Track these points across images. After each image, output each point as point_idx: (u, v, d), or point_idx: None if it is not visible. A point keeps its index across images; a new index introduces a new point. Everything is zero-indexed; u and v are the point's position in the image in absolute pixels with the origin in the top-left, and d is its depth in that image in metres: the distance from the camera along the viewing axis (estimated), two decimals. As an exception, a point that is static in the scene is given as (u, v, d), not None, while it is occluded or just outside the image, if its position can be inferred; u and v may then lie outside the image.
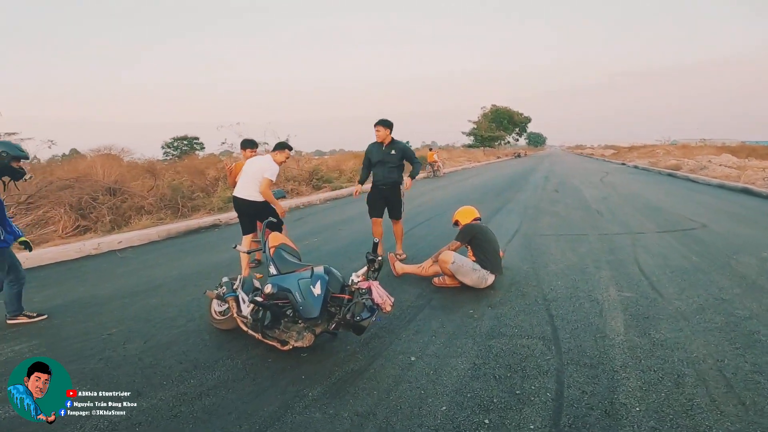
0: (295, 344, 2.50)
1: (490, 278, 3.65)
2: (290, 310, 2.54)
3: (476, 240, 3.78)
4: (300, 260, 2.95)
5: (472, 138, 55.23)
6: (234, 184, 4.76)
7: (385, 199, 4.72)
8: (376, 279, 2.53)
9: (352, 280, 2.49)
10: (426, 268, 3.90)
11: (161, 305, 3.59)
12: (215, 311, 3.07)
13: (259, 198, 4.18)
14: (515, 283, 3.85)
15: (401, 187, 4.72)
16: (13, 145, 3.15)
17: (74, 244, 6.09)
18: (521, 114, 62.95)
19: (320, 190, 12.67)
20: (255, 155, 4.75)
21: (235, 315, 2.70)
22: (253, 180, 4.18)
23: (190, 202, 9.36)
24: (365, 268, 2.50)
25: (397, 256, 4.82)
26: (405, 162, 4.74)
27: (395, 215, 4.78)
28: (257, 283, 3.02)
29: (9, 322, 3.30)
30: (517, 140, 69.43)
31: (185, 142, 33.09)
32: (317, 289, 2.41)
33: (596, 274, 4.02)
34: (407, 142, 5.08)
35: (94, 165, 9.83)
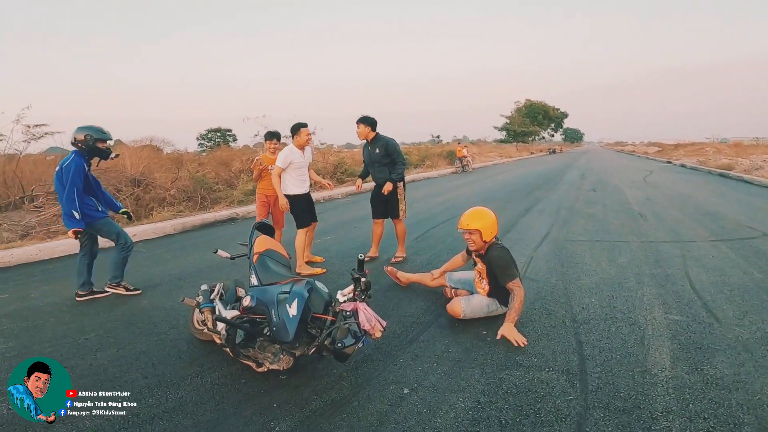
0: (271, 367, 2.17)
1: (504, 309, 2.96)
2: (267, 328, 2.21)
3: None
4: (289, 268, 2.61)
5: (504, 133, 53.88)
6: (258, 179, 4.77)
7: (381, 199, 4.45)
8: (364, 300, 2.13)
9: (337, 300, 2.11)
10: (435, 277, 3.43)
11: (150, 308, 3.36)
12: (197, 320, 2.79)
13: (305, 189, 4.34)
14: (540, 298, 3.34)
15: (398, 184, 4.43)
16: (96, 128, 3.54)
17: (89, 235, 6.06)
18: (557, 109, 60.70)
19: (344, 184, 12.38)
20: (277, 147, 4.68)
21: (208, 328, 2.39)
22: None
23: (212, 194, 9.30)
24: (351, 287, 2.11)
25: (395, 259, 4.49)
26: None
27: (393, 215, 4.51)
28: (242, 292, 2.70)
29: (107, 289, 3.70)
30: (553, 136, 67.38)
31: (218, 134, 33.90)
32: (293, 309, 2.05)
33: (638, 291, 3.44)
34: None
35: (122, 156, 9.97)
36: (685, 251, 4.61)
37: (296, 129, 4.23)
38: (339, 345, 1.97)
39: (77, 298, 3.59)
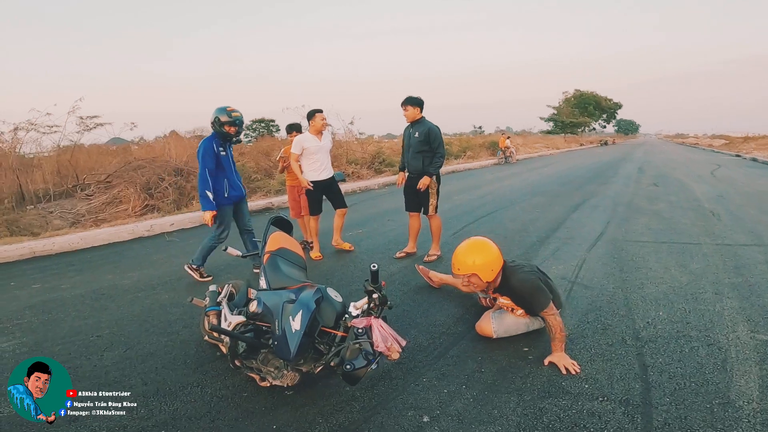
0: (273, 382, 1.91)
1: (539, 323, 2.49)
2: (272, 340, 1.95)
3: None
4: (304, 270, 2.34)
5: (551, 124, 51.37)
6: (283, 170, 4.91)
7: (414, 190, 4.08)
8: (380, 316, 1.81)
9: (349, 314, 1.80)
10: None
11: (169, 304, 3.24)
12: (206, 323, 2.60)
13: (321, 176, 4.29)
14: (595, 309, 2.87)
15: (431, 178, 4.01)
16: (222, 109, 3.51)
17: (128, 225, 6.18)
18: (610, 99, 57.33)
19: (381, 174, 12.09)
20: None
21: (208, 336, 2.18)
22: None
23: (250, 183, 9.33)
24: (365, 299, 1.79)
25: (428, 257, 4.09)
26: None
27: (425, 210, 4.12)
28: (253, 294, 2.47)
29: (185, 267, 3.82)
30: (605, 127, 64.07)
31: (262, 125, 34.71)
32: (296, 323, 1.77)
33: (716, 304, 2.87)
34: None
35: (167, 146, 10.25)
36: (770, 256, 3.89)
37: (311, 114, 4.22)
38: (348, 367, 1.67)
39: (185, 266, 3.82)
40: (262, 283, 2.19)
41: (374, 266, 1.71)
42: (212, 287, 2.39)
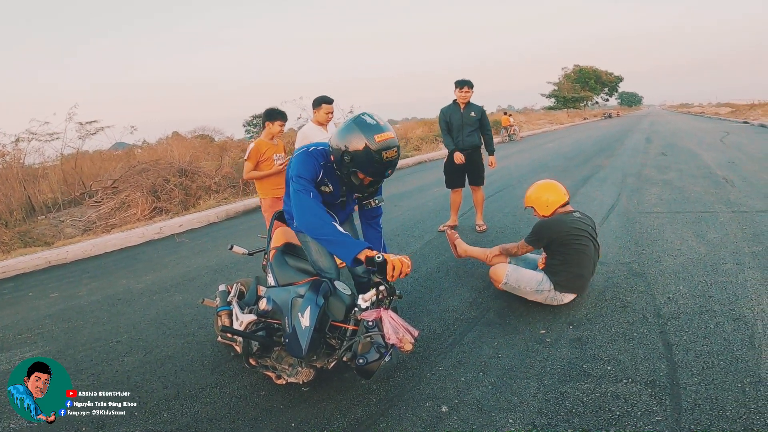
0: (289, 380, 1.90)
1: (567, 298, 2.54)
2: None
3: (556, 245, 2.53)
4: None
5: (553, 100, 51.26)
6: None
7: (465, 166, 4.37)
8: (389, 306, 1.78)
9: (358, 307, 1.77)
10: (490, 257, 2.91)
11: (183, 305, 3.25)
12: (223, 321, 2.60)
13: None
14: (612, 286, 2.81)
15: (481, 150, 4.44)
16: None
17: (138, 229, 6.22)
18: (611, 73, 57.26)
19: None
20: (282, 127, 3.84)
21: (221, 337, 2.17)
22: None
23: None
24: (373, 291, 1.75)
25: (477, 227, 4.40)
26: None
27: (478, 181, 4.46)
28: (263, 291, 2.45)
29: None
30: (607, 100, 63.76)
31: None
32: (305, 319, 1.74)
33: (738, 275, 2.79)
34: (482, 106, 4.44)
35: (170, 147, 10.26)
36: (791, 222, 3.77)
37: (317, 103, 3.58)
38: (361, 361, 1.64)
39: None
40: (270, 280, 2.16)
41: (379, 257, 1.67)
42: (221, 287, 2.38)
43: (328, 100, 3.60)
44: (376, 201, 2.00)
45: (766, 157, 7.98)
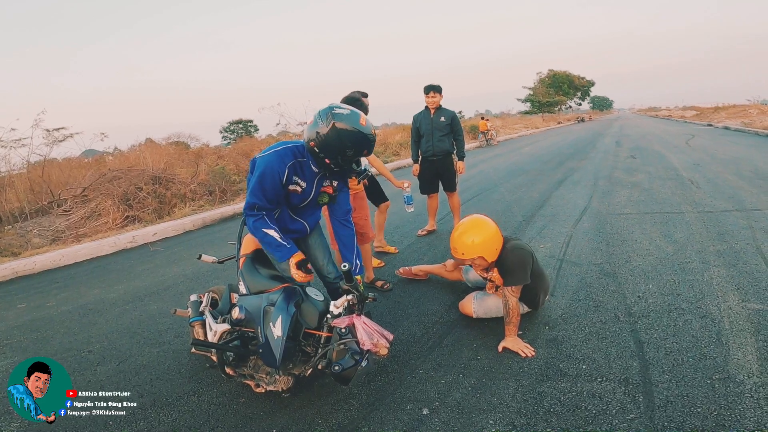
0: (268, 388, 1.88)
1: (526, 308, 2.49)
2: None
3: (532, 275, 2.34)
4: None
5: (528, 105, 52.72)
6: None
7: (436, 172, 4.44)
8: (362, 312, 1.78)
9: (331, 314, 1.77)
10: (449, 269, 2.95)
11: (158, 314, 3.17)
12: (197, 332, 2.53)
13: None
14: (585, 286, 2.89)
15: (453, 156, 4.44)
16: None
17: (110, 238, 6.03)
18: (583, 78, 59.28)
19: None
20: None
21: (195, 348, 2.12)
22: None
23: (233, 186, 9.17)
24: (344, 298, 1.76)
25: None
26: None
27: (450, 187, 4.50)
28: (236, 298, 2.41)
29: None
30: (580, 104, 65.81)
31: (240, 126, 34.13)
32: (277, 329, 1.72)
33: (704, 273, 2.92)
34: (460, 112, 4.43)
35: (143, 154, 10.00)
36: (751, 221, 3.97)
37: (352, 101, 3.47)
38: (336, 368, 1.64)
39: None
40: (242, 288, 2.12)
41: (344, 266, 1.68)
42: (193, 297, 2.31)
43: (363, 95, 3.52)
44: (361, 169, 2.08)
45: (729, 159, 8.37)
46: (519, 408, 1.78)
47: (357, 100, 3.24)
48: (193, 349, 2.29)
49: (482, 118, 21.16)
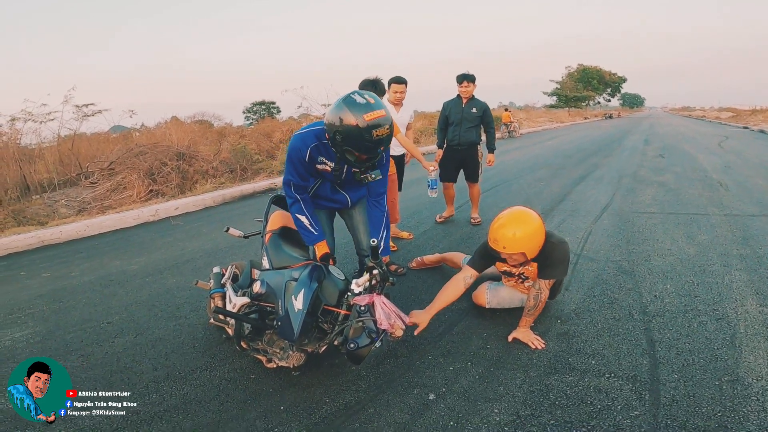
0: (280, 363, 1.93)
1: None
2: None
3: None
4: (307, 248, 2.33)
5: (555, 98, 51.43)
6: None
7: (460, 161, 4.43)
8: (382, 292, 1.80)
9: (351, 291, 1.79)
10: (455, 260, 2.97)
11: (176, 287, 3.27)
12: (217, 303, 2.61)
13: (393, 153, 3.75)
14: (601, 282, 2.85)
15: (478, 147, 4.41)
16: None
17: (133, 210, 6.20)
18: (614, 74, 57.41)
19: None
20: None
21: (213, 319, 2.19)
22: None
23: (253, 165, 9.30)
24: (366, 276, 1.78)
25: (472, 220, 4.48)
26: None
27: (473, 177, 4.48)
28: (257, 274, 2.47)
29: None
30: (609, 101, 63.92)
31: (263, 107, 34.39)
32: (298, 302, 1.76)
33: (725, 277, 2.84)
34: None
35: (168, 131, 10.19)
36: (780, 226, 3.83)
37: (388, 83, 3.60)
38: (351, 345, 1.67)
39: None
40: (265, 263, 2.19)
41: (374, 241, 1.69)
42: (216, 269, 2.39)
43: (396, 80, 3.64)
44: (373, 176, 2.01)
45: (762, 163, 8.05)
46: (525, 399, 1.78)
47: (377, 82, 3.28)
48: (211, 320, 2.36)
49: (505, 110, 20.81)
